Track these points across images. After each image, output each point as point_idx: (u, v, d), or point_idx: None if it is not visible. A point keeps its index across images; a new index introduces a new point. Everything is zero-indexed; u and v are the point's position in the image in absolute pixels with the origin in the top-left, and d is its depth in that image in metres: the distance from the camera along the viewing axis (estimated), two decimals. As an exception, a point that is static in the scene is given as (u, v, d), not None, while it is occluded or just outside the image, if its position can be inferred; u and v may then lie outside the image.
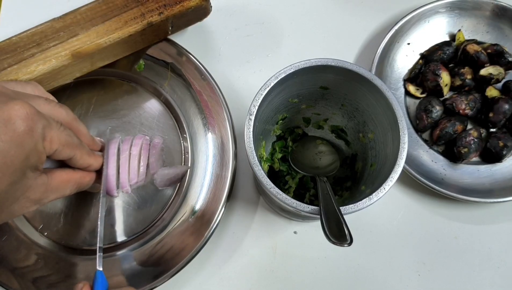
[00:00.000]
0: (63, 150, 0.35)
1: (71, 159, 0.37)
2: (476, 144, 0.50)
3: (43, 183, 0.35)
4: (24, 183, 0.33)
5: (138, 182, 0.47)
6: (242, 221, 0.50)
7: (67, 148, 0.36)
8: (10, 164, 0.31)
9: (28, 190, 0.33)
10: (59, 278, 0.45)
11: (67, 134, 0.35)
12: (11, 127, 0.30)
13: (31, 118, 0.31)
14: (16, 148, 0.31)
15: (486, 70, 0.52)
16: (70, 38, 0.46)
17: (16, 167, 0.31)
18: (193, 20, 0.52)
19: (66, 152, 0.36)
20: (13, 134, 0.30)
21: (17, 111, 0.31)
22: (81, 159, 0.38)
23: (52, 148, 0.34)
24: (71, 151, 0.36)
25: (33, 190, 0.34)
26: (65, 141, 0.35)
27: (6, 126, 0.30)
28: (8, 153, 0.30)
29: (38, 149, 0.32)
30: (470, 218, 0.51)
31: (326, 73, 0.40)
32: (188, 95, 0.51)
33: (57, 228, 0.47)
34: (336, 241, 0.32)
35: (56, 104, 0.37)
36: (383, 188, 0.35)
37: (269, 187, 0.35)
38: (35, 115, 0.32)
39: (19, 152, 0.31)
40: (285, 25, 0.58)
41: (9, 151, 0.30)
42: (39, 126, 0.32)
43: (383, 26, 0.58)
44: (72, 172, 0.38)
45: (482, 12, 0.56)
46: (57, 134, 0.34)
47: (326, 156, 0.49)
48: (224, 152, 0.49)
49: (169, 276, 0.44)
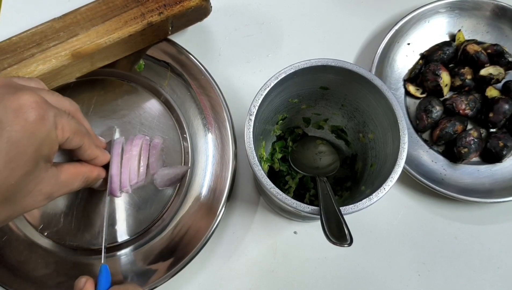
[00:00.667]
0: (73, 138, 0.35)
1: (80, 148, 0.37)
2: (476, 144, 0.50)
3: (54, 175, 0.35)
4: (36, 174, 0.32)
5: (139, 182, 0.47)
6: (242, 221, 0.50)
7: (77, 136, 0.36)
8: (23, 154, 0.30)
9: (41, 183, 0.33)
10: (59, 278, 0.45)
11: (75, 122, 0.36)
12: (22, 116, 0.30)
13: (41, 106, 0.31)
14: (28, 137, 0.30)
15: (486, 70, 0.52)
16: (70, 38, 0.46)
17: (29, 157, 0.31)
18: (193, 20, 0.52)
19: (76, 140, 0.36)
20: (24, 123, 0.30)
21: (27, 100, 0.30)
22: (89, 148, 0.38)
23: (64, 136, 0.34)
24: (80, 139, 0.36)
25: (45, 183, 0.34)
26: (75, 129, 0.35)
27: (17, 116, 0.30)
28: (20, 142, 0.30)
29: (51, 137, 0.32)
30: (470, 218, 0.51)
31: (326, 73, 0.40)
32: (188, 95, 0.51)
33: (57, 228, 0.47)
34: (336, 241, 0.32)
35: (59, 95, 0.37)
36: (383, 188, 0.35)
37: (269, 187, 0.35)
38: (44, 104, 0.32)
39: (31, 141, 0.31)
40: (285, 25, 0.58)
41: (21, 141, 0.30)
42: (50, 114, 0.32)
43: (383, 26, 0.58)
44: (80, 165, 0.39)
45: (482, 12, 0.56)
46: (68, 122, 0.34)
47: (326, 156, 0.49)
48: (224, 152, 0.49)
49: (169, 276, 0.44)
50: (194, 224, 0.46)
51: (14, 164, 0.30)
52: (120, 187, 0.45)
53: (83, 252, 0.47)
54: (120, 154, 0.45)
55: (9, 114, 0.30)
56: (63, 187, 0.36)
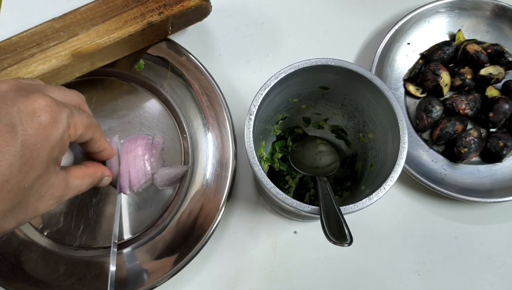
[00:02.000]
0: (87, 133, 0.36)
1: (91, 140, 0.38)
2: (476, 144, 0.50)
3: (64, 178, 0.35)
4: (47, 178, 0.33)
5: (147, 181, 0.47)
6: (242, 221, 0.50)
7: (90, 129, 0.36)
8: (37, 157, 0.31)
9: (53, 187, 0.34)
10: (59, 278, 0.45)
11: (86, 116, 0.36)
12: (36, 120, 0.30)
13: (54, 109, 0.32)
14: (42, 141, 0.31)
15: (486, 70, 0.52)
16: (70, 38, 0.46)
17: (42, 160, 0.31)
18: (193, 20, 0.52)
19: (89, 133, 0.37)
20: (38, 127, 0.31)
21: (40, 104, 0.31)
22: (100, 140, 0.39)
23: (77, 133, 0.35)
24: (93, 131, 0.37)
25: (57, 186, 0.34)
26: (88, 123, 0.36)
27: (32, 120, 0.30)
28: (34, 146, 0.30)
29: (64, 139, 0.33)
30: (470, 218, 0.51)
31: (326, 73, 0.40)
32: (188, 95, 0.51)
33: (57, 228, 0.47)
34: (336, 241, 0.32)
35: (65, 89, 0.37)
36: (383, 188, 0.35)
37: (269, 187, 0.35)
38: (57, 106, 0.32)
39: (45, 145, 0.31)
40: (285, 25, 0.58)
41: (36, 145, 0.31)
42: (63, 116, 0.32)
43: (383, 26, 0.58)
44: (86, 167, 0.39)
45: (482, 12, 0.56)
46: (80, 118, 0.35)
47: (326, 156, 0.49)
48: (224, 152, 0.49)
49: (169, 276, 0.44)
50: (194, 224, 0.46)
51: (27, 168, 0.30)
52: (129, 185, 0.46)
53: (83, 251, 0.47)
54: (128, 152, 0.46)
55: (23, 118, 0.30)
56: (72, 189, 0.37)
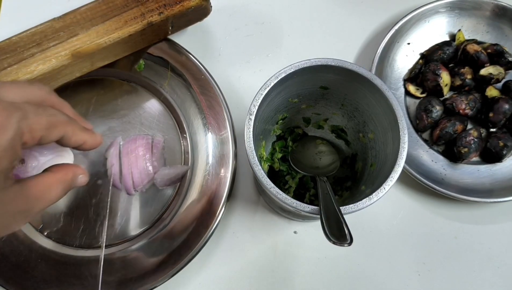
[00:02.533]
0: (50, 133, 0.30)
1: (63, 138, 0.32)
2: (476, 144, 0.50)
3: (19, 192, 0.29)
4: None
5: (150, 181, 0.48)
6: (242, 221, 0.50)
7: (55, 128, 0.30)
8: None
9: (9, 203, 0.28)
10: (59, 278, 0.45)
11: (48, 114, 0.30)
12: None
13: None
14: None
15: (486, 70, 0.52)
16: (70, 38, 0.46)
17: None
18: (193, 20, 0.52)
19: (54, 133, 0.31)
20: None
21: None
22: (74, 135, 0.33)
23: (35, 137, 0.29)
24: (59, 130, 0.31)
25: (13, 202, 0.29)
26: (49, 123, 0.30)
27: None
28: None
29: (14, 148, 0.27)
30: (470, 218, 0.51)
31: (326, 73, 0.40)
32: (188, 95, 0.51)
33: (57, 228, 0.47)
34: (336, 241, 0.32)
35: (24, 84, 0.32)
36: (383, 188, 0.35)
37: (269, 187, 0.35)
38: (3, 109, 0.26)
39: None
40: (285, 25, 0.58)
41: None
42: (13, 121, 0.27)
43: (383, 26, 0.58)
44: (51, 174, 0.32)
45: (482, 12, 0.56)
46: (36, 120, 0.29)
47: (326, 156, 0.49)
48: (224, 152, 0.49)
49: (169, 276, 0.44)
50: (194, 224, 0.46)
51: None
52: (133, 185, 0.46)
53: (83, 251, 0.47)
54: (128, 153, 0.46)
55: None
56: (39, 201, 0.31)
